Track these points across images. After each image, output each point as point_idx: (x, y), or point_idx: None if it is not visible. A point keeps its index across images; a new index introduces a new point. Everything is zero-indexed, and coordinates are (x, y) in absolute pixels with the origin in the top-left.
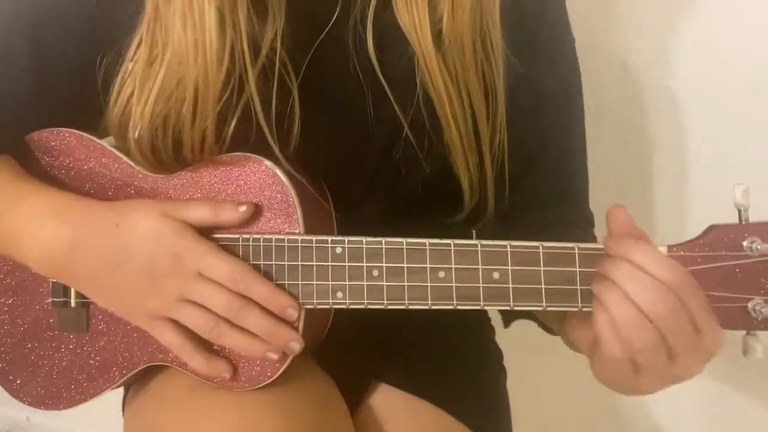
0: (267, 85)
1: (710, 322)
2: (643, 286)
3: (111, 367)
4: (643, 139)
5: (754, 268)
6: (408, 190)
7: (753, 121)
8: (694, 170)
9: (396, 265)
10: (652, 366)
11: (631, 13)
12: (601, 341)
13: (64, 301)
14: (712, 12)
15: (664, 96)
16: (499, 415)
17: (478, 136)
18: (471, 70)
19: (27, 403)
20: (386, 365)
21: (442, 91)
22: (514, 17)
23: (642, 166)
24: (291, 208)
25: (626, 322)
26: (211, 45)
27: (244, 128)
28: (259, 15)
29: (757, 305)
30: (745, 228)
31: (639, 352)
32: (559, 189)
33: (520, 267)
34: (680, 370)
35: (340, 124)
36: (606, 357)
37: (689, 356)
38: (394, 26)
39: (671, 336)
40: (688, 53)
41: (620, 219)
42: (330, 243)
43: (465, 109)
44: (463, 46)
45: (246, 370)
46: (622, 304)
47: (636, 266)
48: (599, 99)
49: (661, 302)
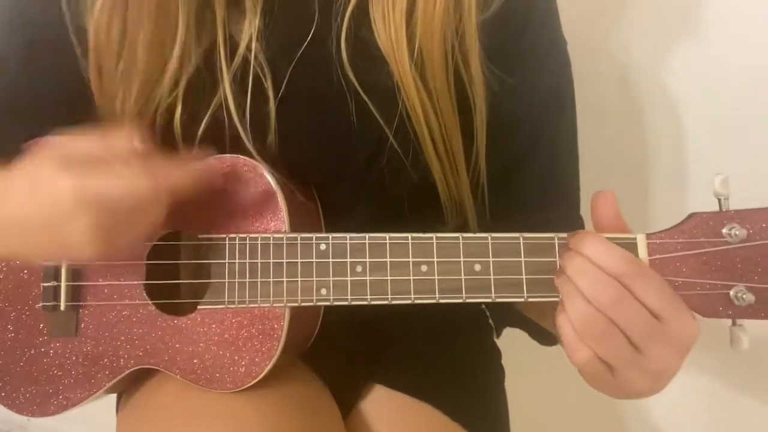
0: (243, 88)
1: (672, 309)
2: (588, 279)
3: (99, 372)
4: (642, 139)
5: (734, 254)
6: (394, 198)
7: (752, 121)
8: (692, 170)
9: (379, 260)
10: (620, 359)
11: (630, 13)
12: (564, 344)
13: (54, 305)
14: (712, 12)
15: (663, 96)
16: (497, 415)
17: (455, 152)
18: (445, 89)
19: (15, 411)
20: (380, 366)
21: (418, 109)
22: (495, 27)
23: (640, 166)
24: (277, 207)
25: (578, 315)
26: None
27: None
28: (236, 16)
29: (739, 292)
30: (725, 215)
31: (596, 344)
32: (549, 193)
33: (501, 258)
34: (654, 363)
35: (324, 133)
36: (572, 359)
37: (657, 345)
38: (373, 44)
39: (625, 326)
40: (688, 53)
41: (604, 203)
42: (315, 240)
43: (441, 126)
44: (434, 63)
45: (231, 370)
46: (574, 298)
47: (585, 258)
48: (598, 99)
49: (604, 292)
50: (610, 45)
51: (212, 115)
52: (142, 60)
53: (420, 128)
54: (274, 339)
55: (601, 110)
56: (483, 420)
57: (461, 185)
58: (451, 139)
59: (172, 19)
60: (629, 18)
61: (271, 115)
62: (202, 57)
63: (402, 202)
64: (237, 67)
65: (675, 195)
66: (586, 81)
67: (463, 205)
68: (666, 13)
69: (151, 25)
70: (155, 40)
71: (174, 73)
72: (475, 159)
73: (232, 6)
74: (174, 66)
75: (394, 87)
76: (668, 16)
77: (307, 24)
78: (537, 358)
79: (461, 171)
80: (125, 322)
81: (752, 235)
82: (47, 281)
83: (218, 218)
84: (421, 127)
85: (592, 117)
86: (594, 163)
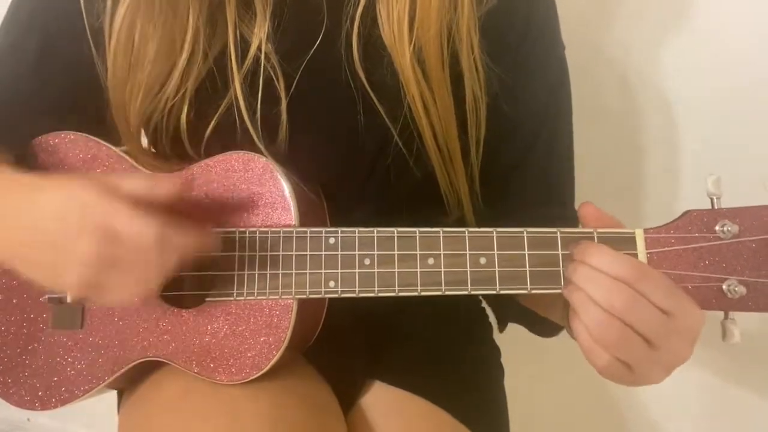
0: (254, 89)
1: (679, 304)
2: (599, 286)
3: (103, 365)
4: (638, 137)
5: (727, 249)
6: (398, 195)
7: (751, 121)
8: (689, 170)
9: (387, 253)
10: (638, 359)
11: (628, 13)
12: (583, 350)
13: (59, 297)
14: (711, 12)
15: (659, 97)
16: (496, 413)
17: (452, 143)
18: (442, 79)
19: (16, 404)
20: (381, 363)
21: (418, 102)
22: (496, 31)
23: (636, 164)
24: (286, 202)
25: (594, 323)
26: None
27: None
28: (247, 17)
29: (732, 285)
30: (717, 213)
31: (615, 349)
32: (547, 192)
33: (505, 251)
34: (670, 355)
35: (331, 132)
36: (592, 364)
37: (671, 340)
38: (381, 43)
39: (640, 326)
40: (686, 54)
41: (590, 212)
42: (324, 233)
43: (441, 120)
44: (431, 54)
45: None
46: (587, 306)
47: (593, 268)
48: (596, 99)
49: (617, 298)
50: (608, 45)
51: (222, 114)
52: (150, 61)
53: (420, 120)
54: (281, 331)
55: (598, 109)
56: (482, 416)
57: (458, 176)
58: (449, 130)
59: (182, 19)
60: (627, 18)
61: (283, 116)
62: (213, 58)
63: (405, 200)
64: (248, 68)
65: (670, 193)
66: (585, 81)
67: (460, 196)
68: (663, 14)
69: (161, 26)
70: (165, 40)
71: (182, 73)
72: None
73: (243, 8)
74: (182, 66)
75: (400, 86)
76: (665, 17)
77: (317, 26)
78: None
79: (457, 162)
80: (132, 314)
81: (744, 232)
82: None
83: (227, 213)
84: (421, 119)
85: (589, 116)
86: (591, 161)
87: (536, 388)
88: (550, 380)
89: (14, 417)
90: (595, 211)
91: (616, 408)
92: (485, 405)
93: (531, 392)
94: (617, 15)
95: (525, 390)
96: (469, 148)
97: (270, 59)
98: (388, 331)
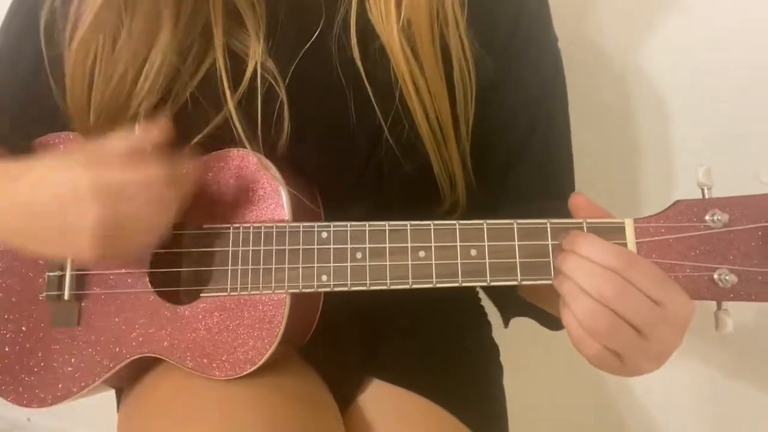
0: (252, 103)
1: (668, 293)
2: (588, 275)
3: (99, 361)
4: (635, 135)
5: (717, 239)
6: (392, 189)
7: (745, 117)
8: (684, 167)
9: (378, 246)
10: (627, 348)
11: (624, 10)
12: (572, 339)
13: (57, 294)
14: (706, 10)
15: (653, 93)
16: (495, 410)
17: (444, 122)
18: (432, 56)
19: (14, 401)
20: (378, 360)
21: (408, 81)
22: (488, 23)
23: (630, 157)
24: (279, 198)
25: (583, 312)
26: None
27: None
28: (240, 33)
29: (723, 274)
30: (708, 202)
31: (605, 337)
32: (544, 185)
33: (495, 243)
34: (659, 344)
35: (324, 128)
36: (582, 353)
37: (660, 329)
38: (371, 24)
39: (629, 315)
40: (684, 53)
41: (580, 203)
42: (316, 228)
43: (432, 97)
44: (421, 32)
45: (232, 357)
46: (577, 296)
47: (582, 257)
48: (592, 96)
49: (607, 286)
50: (603, 42)
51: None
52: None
53: (411, 101)
54: (275, 326)
55: (594, 104)
56: (481, 414)
57: (452, 157)
58: (441, 109)
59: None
60: (622, 15)
61: (285, 116)
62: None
63: (399, 194)
64: (244, 87)
65: (663, 185)
66: (580, 77)
67: (455, 178)
68: (659, 11)
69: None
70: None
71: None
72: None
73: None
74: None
75: (391, 72)
76: (661, 14)
77: (315, 17)
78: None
79: (450, 142)
80: (127, 310)
81: (734, 221)
82: (52, 271)
83: (221, 210)
84: (412, 100)
85: (585, 110)
86: (586, 157)
87: (536, 387)
88: (549, 379)
89: (14, 416)
90: (586, 202)
91: (614, 407)
92: (483, 402)
93: (530, 391)
94: (612, 11)
95: (524, 389)
96: (461, 127)
97: (266, 68)
98: (385, 329)
